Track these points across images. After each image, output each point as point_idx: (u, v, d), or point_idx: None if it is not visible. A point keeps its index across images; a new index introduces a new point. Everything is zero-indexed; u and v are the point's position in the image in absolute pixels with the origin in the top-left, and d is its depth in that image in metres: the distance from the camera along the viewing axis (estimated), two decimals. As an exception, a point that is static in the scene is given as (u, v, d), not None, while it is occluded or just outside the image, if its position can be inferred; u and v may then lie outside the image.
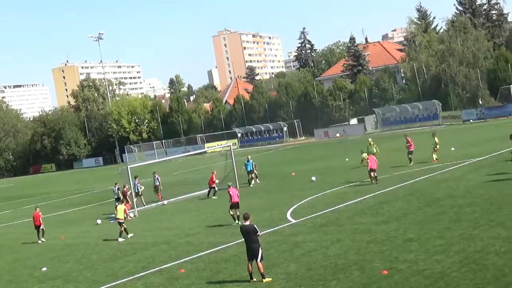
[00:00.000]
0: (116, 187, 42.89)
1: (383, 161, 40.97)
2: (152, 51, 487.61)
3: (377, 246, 21.58)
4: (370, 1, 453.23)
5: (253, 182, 45.89)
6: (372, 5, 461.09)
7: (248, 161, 46.11)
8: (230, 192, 30.60)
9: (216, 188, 41.22)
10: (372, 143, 45.61)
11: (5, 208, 58.19)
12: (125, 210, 33.20)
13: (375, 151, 44.16)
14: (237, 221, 29.64)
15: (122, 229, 31.76)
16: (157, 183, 44.56)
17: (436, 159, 40.82)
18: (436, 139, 41.62)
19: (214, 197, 41.37)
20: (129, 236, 31.74)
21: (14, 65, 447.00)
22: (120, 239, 31.30)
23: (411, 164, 40.72)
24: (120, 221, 32.04)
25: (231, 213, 30.59)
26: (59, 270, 26.53)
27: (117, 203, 36.98)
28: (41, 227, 35.06)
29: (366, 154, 38.16)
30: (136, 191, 42.48)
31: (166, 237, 30.27)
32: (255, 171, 46.74)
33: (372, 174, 35.61)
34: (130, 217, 38.36)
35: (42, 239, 34.84)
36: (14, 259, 31.23)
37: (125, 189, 39.53)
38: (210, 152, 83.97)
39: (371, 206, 29.23)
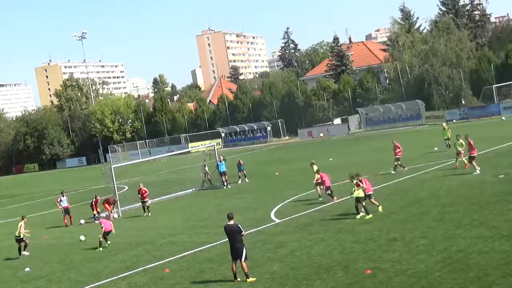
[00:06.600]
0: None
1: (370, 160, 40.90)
2: (136, 51, 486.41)
3: (360, 245, 21.68)
4: (354, 1, 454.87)
5: (240, 181, 46.02)
6: (355, 5, 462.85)
7: (220, 161, 45.24)
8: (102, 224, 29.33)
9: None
10: (446, 127, 44.83)
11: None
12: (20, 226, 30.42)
13: (449, 136, 43.75)
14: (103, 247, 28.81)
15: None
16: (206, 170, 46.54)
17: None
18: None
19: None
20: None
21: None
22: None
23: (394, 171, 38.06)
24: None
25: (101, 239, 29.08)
26: (42, 270, 26.40)
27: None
28: (147, 203, 38.18)
29: (316, 169, 33.49)
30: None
31: (150, 237, 30.21)
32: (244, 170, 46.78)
33: (323, 190, 32.34)
34: (113, 217, 38.30)
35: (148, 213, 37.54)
36: (-3, 259, 31.04)
37: (97, 198, 39.30)
38: (194, 152, 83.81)
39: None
